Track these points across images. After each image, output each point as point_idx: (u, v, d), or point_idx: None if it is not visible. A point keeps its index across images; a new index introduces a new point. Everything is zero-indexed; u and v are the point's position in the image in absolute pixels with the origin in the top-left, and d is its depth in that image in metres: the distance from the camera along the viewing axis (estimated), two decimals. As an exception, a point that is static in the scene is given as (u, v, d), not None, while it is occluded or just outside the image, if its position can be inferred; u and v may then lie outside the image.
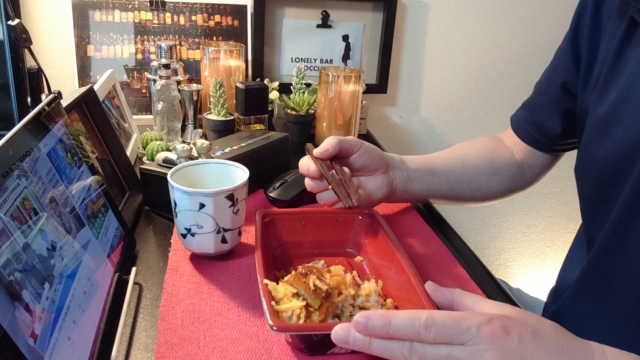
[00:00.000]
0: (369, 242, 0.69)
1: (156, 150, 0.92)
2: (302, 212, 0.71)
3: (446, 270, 0.69)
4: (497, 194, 0.84)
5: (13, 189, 0.43)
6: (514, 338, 0.43)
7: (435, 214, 0.87)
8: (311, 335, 0.50)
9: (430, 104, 1.52)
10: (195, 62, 1.26)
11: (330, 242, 0.70)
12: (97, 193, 0.63)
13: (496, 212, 1.71)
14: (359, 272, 0.66)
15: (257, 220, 0.66)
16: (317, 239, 0.69)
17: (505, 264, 1.79)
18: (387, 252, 0.63)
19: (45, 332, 0.41)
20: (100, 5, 1.18)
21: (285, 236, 0.68)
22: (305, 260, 0.67)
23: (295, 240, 0.69)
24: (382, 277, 0.63)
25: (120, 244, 0.65)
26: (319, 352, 0.52)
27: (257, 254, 0.59)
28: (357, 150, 0.71)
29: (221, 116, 1.03)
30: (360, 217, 0.70)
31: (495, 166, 0.81)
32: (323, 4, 1.31)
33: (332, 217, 0.70)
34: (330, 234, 0.70)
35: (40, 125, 0.53)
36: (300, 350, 0.52)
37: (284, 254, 0.68)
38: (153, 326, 0.56)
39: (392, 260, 0.62)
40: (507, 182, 0.82)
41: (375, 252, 0.67)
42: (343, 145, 0.70)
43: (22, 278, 0.40)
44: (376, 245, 0.67)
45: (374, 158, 0.72)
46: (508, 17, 1.47)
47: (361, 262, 0.68)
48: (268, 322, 0.48)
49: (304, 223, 0.69)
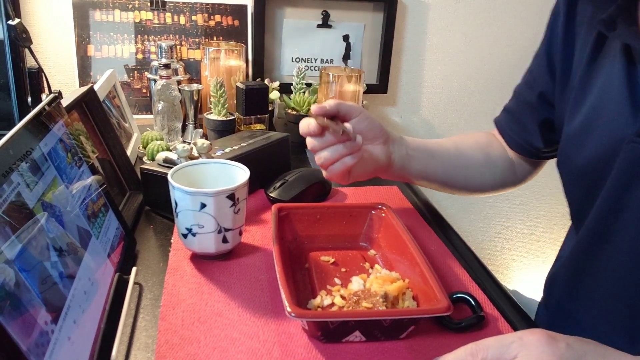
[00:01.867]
0: (382, 236, 0.70)
1: (156, 150, 0.92)
2: (316, 206, 0.73)
3: (446, 270, 0.69)
4: (489, 186, 0.84)
5: (13, 188, 0.43)
6: (562, 343, 0.44)
7: (436, 214, 0.87)
8: (328, 323, 0.50)
9: (430, 104, 1.52)
10: (196, 62, 1.25)
11: (344, 236, 0.71)
12: (98, 193, 0.62)
13: (497, 213, 1.71)
14: (373, 265, 0.67)
15: (273, 213, 0.68)
16: (331, 233, 0.71)
17: (506, 265, 1.79)
18: (400, 246, 0.65)
19: (45, 332, 0.41)
20: (100, 5, 1.18)
21: (300, 230, 0.70)
22: (320, 254, 0.69)
23: (309, 234, 0.71)
24: (396, 270, 0.64)
25: (121, 243, 0.65)
26: (335, 339, 0.53)
27: (275, 247, 0.61)
28: (356, 116, 0.70)
29: (221, 116, 1.03)
30: (373, 212, 0.71)
31: (490, 158, 0.82)
32: (323, 4, 1.31)
33: (345, 211, 0.72)
34: (344, 228, 0.71)
35: (40, 125, 0.53)
36: (316, 338, 0.53)
37: (299, 247, 0.70)
38: (153, 326, 0.56)
39: (405, 254, 0.63)
40: (500, 175, 0.83)
41: (388, 246, 0.68)
42: (341, 108, 0.68)
43: (22, 278, 0.40)
44: (389, 239, 0.69)
45: (373, 126, 0.71)
46: (508, 17, 1.46)
47: (374, 255, 0.69)
48: (286, 309, 0.49)
49: (318, 217, 0.71)
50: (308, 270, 0.66)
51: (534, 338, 0.44)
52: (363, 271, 0.66)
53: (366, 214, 0.72)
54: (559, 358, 0.42)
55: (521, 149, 0.80)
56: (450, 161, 0.80)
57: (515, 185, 0.86)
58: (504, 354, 0.44)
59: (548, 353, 0.43)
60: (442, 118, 1.55)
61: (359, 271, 0.66)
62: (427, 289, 0.56)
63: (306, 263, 0.67)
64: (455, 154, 0.81)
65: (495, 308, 0.62)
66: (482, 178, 0.82)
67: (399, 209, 0.86)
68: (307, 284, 0.63)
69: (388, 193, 0.92)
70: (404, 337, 0.55)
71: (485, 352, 0.44)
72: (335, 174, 0.68)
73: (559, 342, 0.44)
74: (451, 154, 0.80)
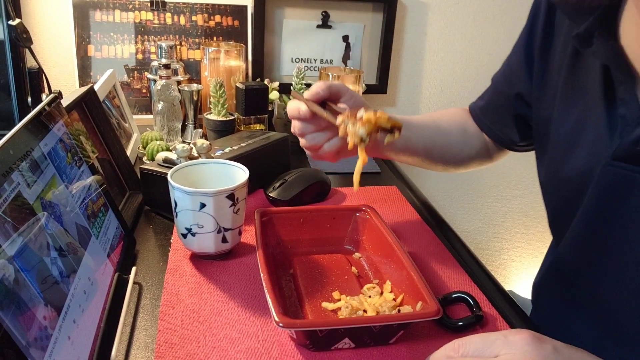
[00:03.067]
0: (367, 239, 0.69)
1: (156, 150, 0.92)
2: (299, 210, 0.71)
3: (445, 270, 0.69)
4: (465, 161, 0.85)
5: (14, 188, 0.43)
6: (548, 345, 0.42)
7: (434, 214, 0.87)
8: (316, 331, 0.50)
9: (430, 105, 1.52)
10: (196, 62, 1.26)
11: (329, 239, 0.70)
12: (97, 193, 0.63)
13: (496, 213, 1.71)
14: (358, 268, 0.66)
15: (256, 219, 0.66)
16: (315, 236, 0.70)
17: (504, 265, 1.79)
18: (386, 248, 0.64)
19: (45, 332, 0.41)
20: (100, 5, 1.18)
21: (284, 234, 0.69)
22: (304, 258, 0.67)
23: (293, 238, 0.69)
24: (382, 273, 0.63)
25: (120, 243, 0.65)
26: (324, 347, 0.53)
27: (259, 253, 0.59)
28: (343, 95, 0.69)
29: (221, 116, 1.03)
30: (358, 214, 0.70)
31: (466, 135, 0.83)
32: (323, 5, 1.32)
33: (329, 214, 0.71)
34: (328, 232, 0.70)
35: (40, 125, 0.53)
36: (304, 347, 0.53)
37: (283, 252, 0.68)
38: (153, 326, 0.56)
39: (391, 256, 0.62)
40: (475, 152, 0.84)
41: (373, 249, 0.68)
42: (332, 89, 0.68)
43: (22, 277, 0.40)
44: (374, 241, 0.68)
45: (359, 103, 0.70)
46: (508, 17, 1.47)
47: (359, 258, 0.68)
48: (274, 319, 0.49)
49: (302, 221, 0.70)
50: (293, 276, 0.64)
51: (520, 337, 0.42)
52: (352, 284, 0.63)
53: (350, 217, 0.70)
54: (542, 359, 0.41)
55: (497, 139, 0.81)
56: (429, 136, 0.80)
57: (490, 162, 0.87)
58: (486, 350, 0.42)
59: (531, 353, 0.41)
60: (442, 118, 1.55)
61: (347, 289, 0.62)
62: (414, 292, 0.56)
63: (291, 269, 0.66)
64: (434, 128, 0.81)
65: (493, 308, 0.62)
66: (458, 152, 0.83)
67: (398, 209, 0.86)
68: (293, 291, 0.62)
69: (387, 193, 0.92)
70: (393, 342, 0.54)
71: (467, 348, 0.43)
72: (324, 155, 0.68)
73: (545, 343, 0.42)
74: (430, 129, 0.81)
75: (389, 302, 0.57)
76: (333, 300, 0.60)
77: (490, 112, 0.81)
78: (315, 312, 0.58)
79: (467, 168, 0.86)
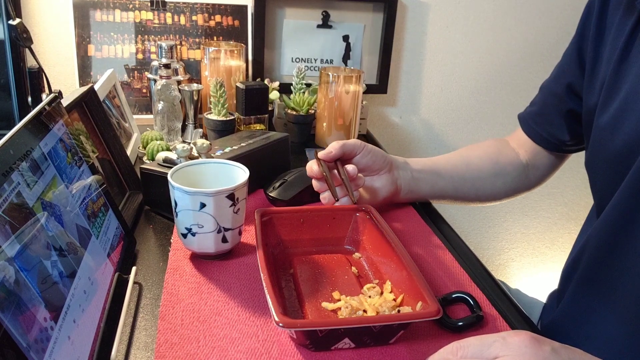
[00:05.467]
0: (367, 239, 0.69)
1: (156, 150, 0.92)
2: (299, 210, 0.72)
3: (446, 270, 0.69)
4: (502, 194, 0.85)
5: (14, 188, 0.43)
6: (546, 346, 0.42)
7: (435, 213, 0.87)
8: (316, 331, 0.50)
9: (430, 105, 1.52)
10: (196, 62, 1.26)
11: (329, 239, 0.70)
12: (98, 192, 0.63)
13: (496, 213, 1.71)
14: (358, 268, 0.66)
15: (256, 219, 0.66)
16: (315, 236, 0.70)
17: (504, 264, 1.79)
18: (385, 248, 0.64)
19: (45, 332, 0.41)
20: (100, 5, 1.18)
21: (284, 234, 0.69)
22: (304, 258, 0.67)
23: (293, 238, 0.69)
24: (381, 273, 0.64)
25: (121, 243, 0.65)
26: (324, 347, 0.53)
27: (259, 253, 0.59)
28: (359, 152, 0.75)
29: (221, 116, 1.03)
30: (358, 214, 0.71)
31: (499, 167, 0.83)
32: (323, 4, 1.32)
33: (329, 214, 0.71)
34: (328, 232, 0.70)
35: (40, 124, 0.53)
36: (304, 347, 0.53)
37: (283, 252, 0.68)
38: (153, 325, 0.56)
39: (391, 256, 0.63)
40: (511, 182, 0.84)
41: (373, 249, 0.68)
42: (345, 148, 0.73)
43: (22, 278, 0.40)
44: (374, 241, 0.68)
45: (377, 158, 0.76)
46: (508, 18, 1.47)
47: (359, 258, 0.69)
48: (274, 319, 0.49)
49: (302, 221, 0.70)
50: (293, 275, 0.64)
51: (518, 339, 0.42)
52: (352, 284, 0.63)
53: (350, 217, 0.71)
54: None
55: (545, 142, 0.81)
56: (459, 176, 0.81)
57: (529, 189, 0.87)
58: (484, 352, 0.42)
59: (530, 355, 0.41)
60: (442, 118, 1.55)
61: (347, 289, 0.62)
62: (414, 292, 0.56)
63: (291, 269, 0.66)
64: (464, 168, 0.82)
65: (493, 307, 0.62)
66: (493, 188, 0.83)
67: (398, 209, 0.86)
68: (293, 290, 0.62)
69: (387, 193, 0.92)
70: (393, 342, 0.54)
71: (465, 350, 0.43)
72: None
73: (544, 345, 0.42)
74: (459, 169, 0.82)
75: (389, 302, 0.57)
76: (333, 300, 0.60)
77: (539, 117, 0.81)
78: (315, 312, 0.58)
79: (506, 199, 0.87)
